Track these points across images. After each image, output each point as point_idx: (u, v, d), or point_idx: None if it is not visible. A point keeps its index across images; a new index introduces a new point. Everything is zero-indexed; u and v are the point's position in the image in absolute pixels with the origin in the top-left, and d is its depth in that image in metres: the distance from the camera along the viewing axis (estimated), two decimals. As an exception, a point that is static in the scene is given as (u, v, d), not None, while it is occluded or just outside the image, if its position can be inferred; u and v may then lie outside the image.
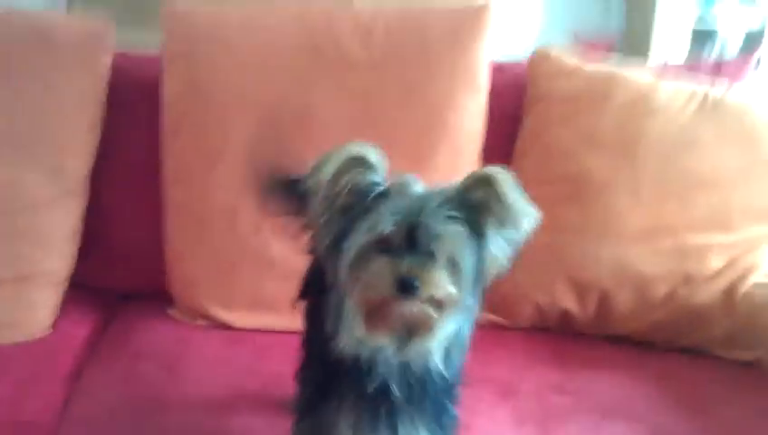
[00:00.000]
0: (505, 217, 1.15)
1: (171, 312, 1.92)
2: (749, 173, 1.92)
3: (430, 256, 1.11)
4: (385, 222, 1.11)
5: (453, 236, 1.12)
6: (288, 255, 1.80)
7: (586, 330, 1.95)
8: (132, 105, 1.94)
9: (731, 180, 1.91)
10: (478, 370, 1.60)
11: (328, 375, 1.24)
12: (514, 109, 2.04)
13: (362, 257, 1.13)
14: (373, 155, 1.15)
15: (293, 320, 1.40)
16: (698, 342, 1.91)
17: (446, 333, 1.16)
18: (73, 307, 1.88)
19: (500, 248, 1.17)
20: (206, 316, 1.88)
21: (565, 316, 1.94)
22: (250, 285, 1.87)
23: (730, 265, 1.91)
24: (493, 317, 1.97)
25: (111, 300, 2.00)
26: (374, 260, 1.12)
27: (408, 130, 1.88)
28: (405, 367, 1.18)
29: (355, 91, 1.89)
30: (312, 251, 1.34)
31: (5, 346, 1.71)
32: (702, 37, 3.46)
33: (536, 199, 1.89)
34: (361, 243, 1.12)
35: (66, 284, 1.86)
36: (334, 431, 1.24)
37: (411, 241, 1.11)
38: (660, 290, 1.90)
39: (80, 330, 1.83)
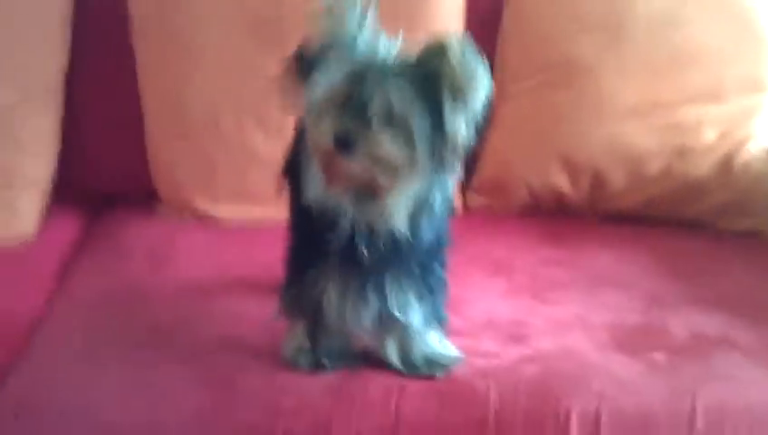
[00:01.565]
0: (459, 86, 1.10)
1: (157, 208, 1.90)
2: (737, 45, 1.89)
3: (379, 117, 1.10)
4: (340, 80, 1.11)
5: (404, 99, 1.10)
6: (271, 147, 1.77)
7: (580, 210, 1.93)
8: (103, 7, 1.90)
9: (720, 53, 1.88)
10: (471, 249, 1.62)
11: (312, 243, 1.23)
12: (493, 4, 1.99)
13: (320, 112, 1.13)
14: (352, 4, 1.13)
15: (280, 211, 1.37)
16: (695, 214, 1.88)
17: (405, 197, 1.14)
18: (58, 212, 1.86)
19: (459, 118, 1.12)
20: (192, 211, 1.86)
21: (559, 197, 1.91)
22: (235, 179, 1.85)
23: (724, 136, 1.87)
24: (485, 201, 1.95)
25: (97, 203, 1.98)
26: (327, 116, 1.12)
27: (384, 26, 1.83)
28: (371, 227, 1.17)
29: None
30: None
31: (-12, 250, 1.69)
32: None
33: (524, 87, 1.91)
34: (318, 97, 1.12)
35: (49, 188, 1.84)
36: (322, 297, 1.24)
37: (358, 101, 1.10)
38: (655, 165, 1.87)
39: (65, 232, 1.82)
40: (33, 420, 1.24)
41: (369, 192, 1.14)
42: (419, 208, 1.16)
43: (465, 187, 1.94)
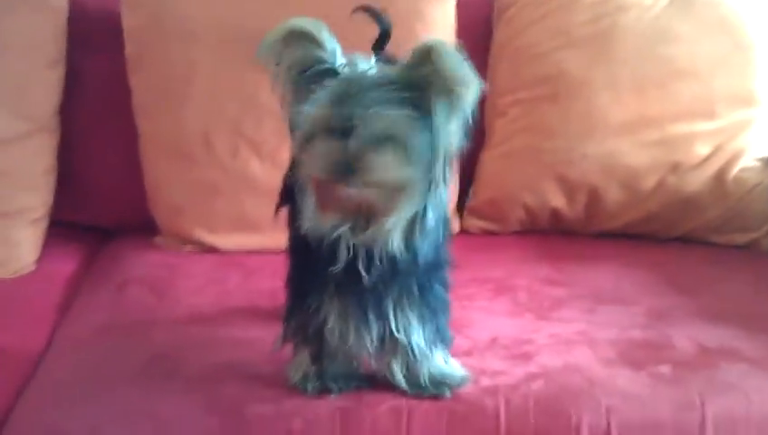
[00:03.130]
0: (449, 90, 1.09)
1: (157, 240, 1.90)
2: (727, 60, 1.91)
3: (372, 138, 1.08)
4: (324, 103, 1.10)
5: (395, 117, 1.09)
6: (268, 174, 1.79)
7: (577, 228, 1.94)
8: (98, 39, 1.91)
9: (710, 68, 1.90)
10: (471, 271, 1.63)
11: (311, 269, 1.22)
12: (485, 19, 2.02)
13: (308, 140, 1.12)
14: (318, 29, 1.13)
15: (279, 238, 1.37)
16: (691, 229, 1.90)
17: (403, 218, 1.13)
18: (57, 245, 1.86)
19: (450, 124, 1.12)
20: (192, 241, 1.86)
21: (555, 216, 1.92)
22: (233, 207, 1.85)
23: (717, 151, 1.89)
24: (483, 223, 1.96)
25: (96, 236, 1.98)
26: (317, 143, 1.11)
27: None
28: (369, 251, 1.16)
29: (319, 9, 1.84)
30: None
31: (-12, 283, 1.69)
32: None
33: (515, 103, 1.93)
34: (306, 125, 1.11)
35: (46, 221, 1.84)
36: (324, 322, 1.23)
37: (350, 124, 1.08)
38: (649, 181, 1.88)
39: (64, 266, 1.82)
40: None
41: (364, 216, 1.13)
42: (414, 226, 1.15)
43: (461, 209, 1.95)
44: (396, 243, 1.14)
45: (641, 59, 1.89)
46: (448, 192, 1.21)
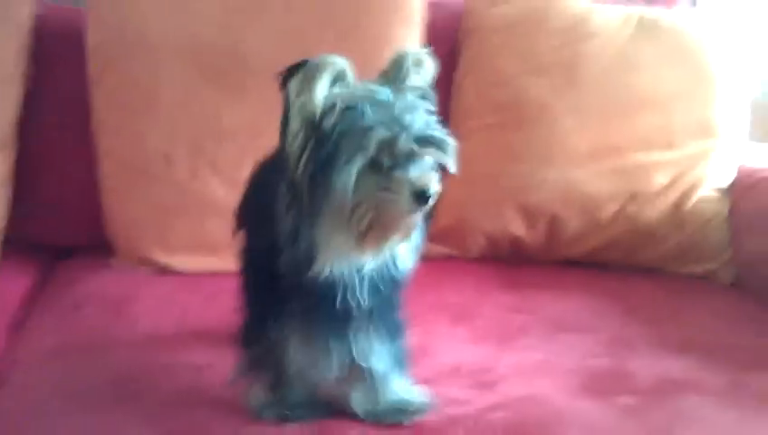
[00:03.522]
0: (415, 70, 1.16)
1: (113, 261, 1.86)
2: (688, 91, 1.94)
3: (429, 163, 1.11)
4: (379, 134, 1.08)
5: (444, 139, 1.12)
6: (227, 196, 1.75)
7: (538, 255, 1.94)
8: (59, 55, 1.88)
9: (671, 99, 1.92)
10: (432, 297, 1.63)
11: (272, 296, 1.20)
12: (452, 43, 2.02)
13: (359, 177, 1.08)
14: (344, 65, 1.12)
15: (236, 262, 1.35)
16: (650, 259, 1.91)
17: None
18: (11, 263, 1.81)
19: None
20: (148, 262, 1.83)
21: (516, 243, 1.93)
22: (190, 229, 1.82)
23: (675, 180, 1.91)
24: (443, 249, 1.95)
25: (51, 255, 1.94)
26: (372, 177, 1.08)
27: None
28: (372, 277, 1.16)
29: (286, 33, 1.85)
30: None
31: (-61, 302, 1.64)
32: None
33: (479, 128, 1.93)
34: (358, 162, 1.07)
35: (1, 237, 1.80)
36: (284, 350, 1.22)
37: (407, 150, 1.08)
38: (608, 209, 1.89)
39: (18, 284, 1.77)
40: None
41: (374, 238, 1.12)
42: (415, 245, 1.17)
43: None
44: (405, 262, 1.17)
45: (605, 86, 1.91)
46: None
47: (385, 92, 1.11)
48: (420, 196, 1.07)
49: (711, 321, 1.67)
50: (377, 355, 1.23)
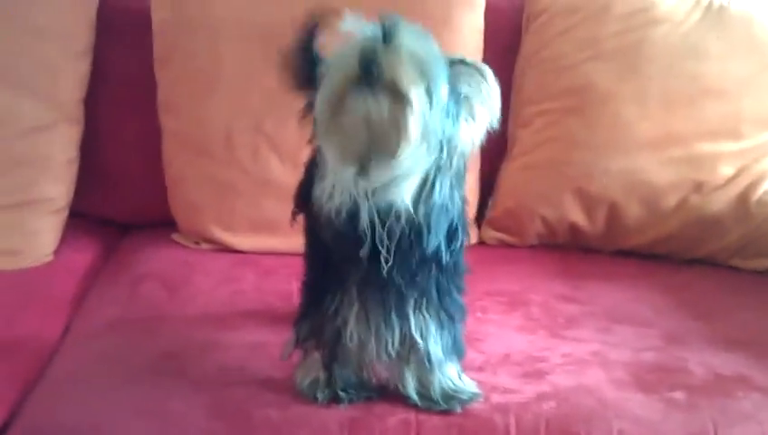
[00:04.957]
0: (484, 101, 1.15)
1: (175, 236, 1.90)
2: (757, 81, 1.89)
3: (399, 47, 1.07)
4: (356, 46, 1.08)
5: (429, 51, 1.10)
6: (287, 176, 1.78)
7: (595, 244, 1.92)
8: (125, 34, 1.92)
9: (738, 88, 1.88)
10: (486, 284, 1.63)
11: (330, 271, 1.21)
12: (514, 27, 2.01)
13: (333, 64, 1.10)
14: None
15: (296, 241, 1.36)
16: (712, 252, 1.87)
17: (413, 162, 1.10)
18: (75, 236, 1.87)
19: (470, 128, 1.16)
20: (209, 240, 1.87)
21: (574, 231, 1.91)
22: (251, 208, 1.85)
23: (741, 172, 1.87)
24: (500, 235, 1.95)
25: (114, 229, 1.99)
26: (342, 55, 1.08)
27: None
28: (383, 214, 1.13)
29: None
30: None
31: (6, 272, 1.70)
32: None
33: (541, 113, 1.91)
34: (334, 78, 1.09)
35: (66, 211, 1.85)
36: (343, 324, 1.22)
37: (385, 41, 1.07)
38: (671, 200, 1.86)
39: (82, 257, 1.83)
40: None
41: (377, 164, 1.09)
42: (424, 193, 1.13)
43: (480, 220, 1.94)
44: (404, 195, 1.12)
45: (670, 75, 1.87)
46: (464, 194, 1.22)
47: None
48: (365, 52, 1.05)
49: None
50: (434, 338, 1.23)
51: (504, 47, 1.98)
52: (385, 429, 1.24)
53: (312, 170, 1.22)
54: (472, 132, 1.16)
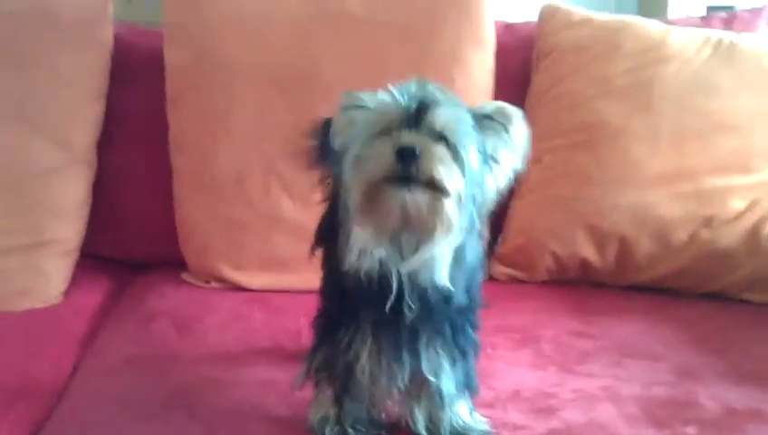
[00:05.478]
0: (509, 146, 1.17)
1: (184, 276, 1.92)
2: (767, 115, 1.89)
3: (433, 133, 1.09)
4: (386, 106, 1.11)
5: (459, 120, 1.11)
6: (298, 214, 1.80)
7: (606, 280, 1.92)
8: (137, 75, 1.95)
9: (749, 123, 1.89)
10: (497, 319, 1.62)
11: (344, 305, 1.21)
12: (524, 67, 2.03)
13: (365, 144, 1.11)
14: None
15: (306, 279, 1.38)
16: (723, 286, 1.86)
17: (448, 247, 1.12)
18: (85, 277, 1.88)
19: (499, 177, 1.17)
20: (219, 279, 1.87)
21: (585, 266, 1.90)
22: (261, 246, 1.86)
23: (752, 206, 1.87)
24: (511, 271, 1.95)
25: (124, 270, 2.00)
26: (375, 142, 1.10)
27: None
28: (414, 283, 1.14)
29: (360, 51, 1.88)
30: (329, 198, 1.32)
31: (17, 313, 1.71)
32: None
33: (551, 150, 1.92)
34: (365, 131, 1.12)
35: (77, 253, 1.86)
36: (355, 359, 1.21)
37: (415, 121, 1.09)
38: (682, 234, 1.86)
39: (92, 298, 1.84)
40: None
41: (410, 239, 1.11)
42: (456, 261, 1.14)
43: (489, 256, 1.94)
44: (443, 274, 1.13)
45: (681, 110, 1.88)
46: (483, 237, 1.22)
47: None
48: (401, 151, 1.06)
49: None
50: (446, 374, 1.22)
51: (515, 85, 2.00)
52: (394, 465, 1.23)
53: (336, 204, 1.21)
54: (498, 179, 1.18)
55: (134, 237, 2.00)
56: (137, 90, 1.95)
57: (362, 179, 1.10)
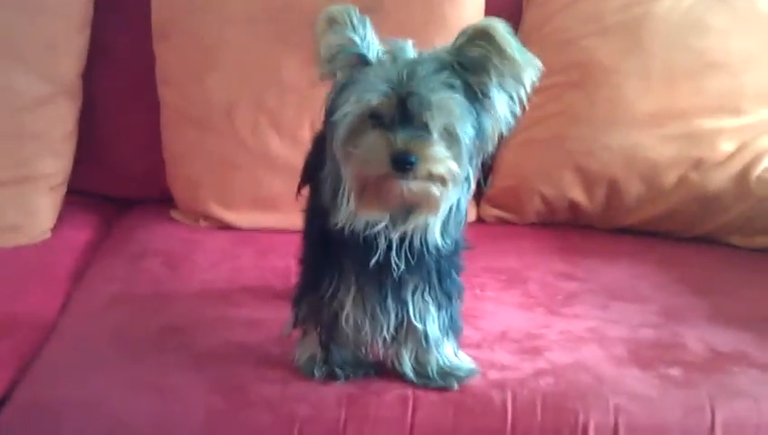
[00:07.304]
0: (508, 71, 1.08)
1: (173, 213, 1.90)
2: (759, 57, 1.88)
3: (426, 128, 1.06)
4: (373, 92, 1.06)
5: (450, 105, 1.06)
6: (287, 152, 1.79)
7: (595, 222, 1.92)
8: (122, 5, 1.91)
9: (741, 64, 1.87)
10: (485, 261, 1.62)
11: (328, 253, 1.20)
12: (515, 2, 1.99)
13: (354, 131, 1.08)
14: (347, 15, 1.10)
15: (295, 218, 1.37)
16: (712, 229, 1.87)
17: (444, 209, 1.12)
18: (74, 213, 1.87)
19: (504, 107, 1.12)
20: (208, 217, 1.86)
21: (573, 208, 1.90)
22: (250, 185, 1.84)
23: (741, 149, 1.86)
24: (499, 213, 1.95)
25: (112, 206, 1.99)
26: (367, 135, 1.07)
27: (406, 26, 1.82)
28: (403, 240, 1.14)
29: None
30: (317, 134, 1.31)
31: (5, 249, 1.70)
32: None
33: (541, 90, 1.88)
34: (351, 115, 1.08)
35: (64, 188, 1.85)
36: (340, 307, 1.21)
37: (405, 113, 1.06)
38: (671, 176, 1.85)
39: (80, 233, 1.83)
40: (46, 418, 1.23)
41: (411, 209, 1.11)
42: (450, 218, 1.14)
43: (478, 197, 1.94)
44: (436, 235, 1.13)
45: (672, 49, 1.86)
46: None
47: (400, 49, 1.10)
48: (397, 160, 1.04)
49: (766, 294, 1.63)
50: (432, 319, 1.23)
51: (505, 20, 1.95)
52: (382, 404, 1.25)
53: (321, 146, 1.19)
54: (499, 122, 1.13)
55: (121, 173, 1.98)
56: (123, 22, 1.91)
57: (357, 176, 1.09)
